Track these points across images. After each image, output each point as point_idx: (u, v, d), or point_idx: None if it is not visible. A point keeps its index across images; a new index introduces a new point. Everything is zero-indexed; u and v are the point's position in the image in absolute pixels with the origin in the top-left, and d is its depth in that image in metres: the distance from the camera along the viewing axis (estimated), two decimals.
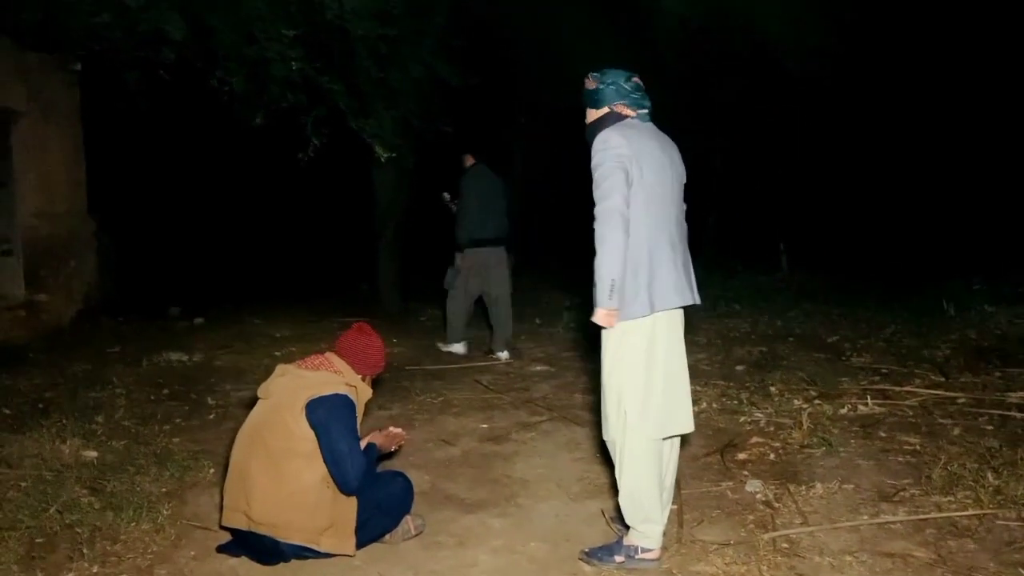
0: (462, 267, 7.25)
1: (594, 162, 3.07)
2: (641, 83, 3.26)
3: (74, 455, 4.42)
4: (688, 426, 3.22)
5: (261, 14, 7.03)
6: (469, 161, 7.35)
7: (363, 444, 3.31)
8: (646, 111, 3.23)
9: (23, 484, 3.97)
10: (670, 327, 3.15)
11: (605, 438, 3.28)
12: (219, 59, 7.30)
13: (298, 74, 7.41)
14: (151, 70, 7.12)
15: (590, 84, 3.27)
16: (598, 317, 3.05)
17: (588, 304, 3.12)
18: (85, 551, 3.33)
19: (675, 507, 3.61)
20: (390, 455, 3.73)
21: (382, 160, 9.08)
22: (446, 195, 7.42)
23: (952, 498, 3.69)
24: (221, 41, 7.19)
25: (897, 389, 5.56)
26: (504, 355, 7.19)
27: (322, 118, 8.49)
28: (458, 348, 7.46)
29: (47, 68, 8.39)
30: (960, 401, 5.24)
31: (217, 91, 7.43)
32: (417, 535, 3.48)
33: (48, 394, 5.78)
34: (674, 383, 3.15)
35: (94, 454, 4.45)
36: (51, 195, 8.62)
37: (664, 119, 3.32)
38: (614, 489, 3.23)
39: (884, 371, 6.14)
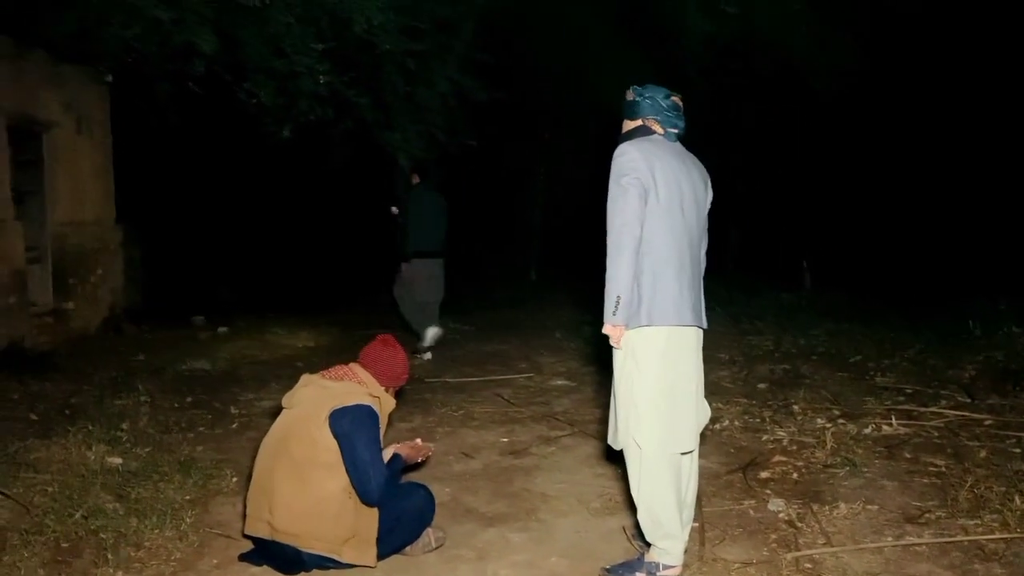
0: (404, 276, 7.72)
1: (612, 174, 3.09)
2: (680, 104, 3.26)
3: (99, 461, 4.46)
4: (690, 445, 3.19)
5: (290, 28, 7.13)
6: (415, 180, 7.79)
7: (387, 455, 3.32)
8: (676, 131, 3.24)
9: (49, 489, 4.02)
10: (681, 347, 3.14)
11: (611, 443, 3.28)
12: (248, 72, 7.40)
13: (326, 88, 7.50)
14: (181, 82, 7.24)
15: (629, 96, 3.30)
16: (606, 330, 3.09)
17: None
18: (109, 556, 3.36)
19: (696, 524, 3.59)
20: (415, 467, 3.74)
21: (406, 173, 9.16)
22: (394, 208, 7.81)
23: (979, 521, 3.64)
24: (250, 55, 7.30)
25: (922, 410, 5.50)
26: (432, 332, 7.75)
27: (349, 131, 8.59)
28: (433, 332, 7.81)
29: (80, 80, 8.56)
30: (987, 423, 5.17)
31: (246, 104, 7.53)
32: (437, 548, 3.48)
33: (74, 400, 5.85)
34: (680, 401, 3.13)
35: (119, 461, 4.49)
36: (80, 204, 8.76)
37: (688, 136, 3.33)
38: (633, 505, 3.22)
39: (909, 391, 6.08)
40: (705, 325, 3.24)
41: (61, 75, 8.15)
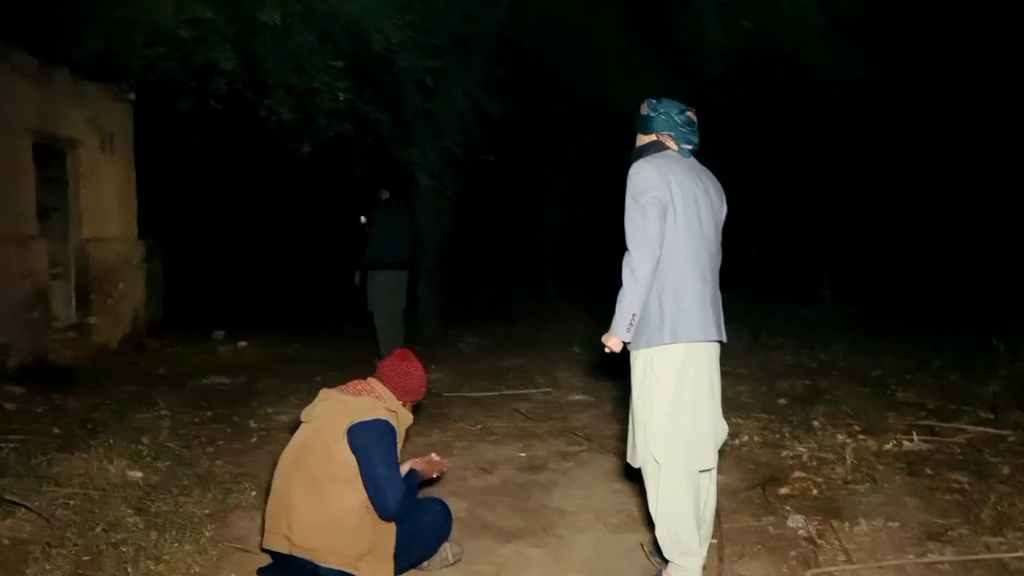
0: (371, 287, 7.98)
1: (629, 192, 3.09)
2: (694, 119, 3.26)
3: (120, 475, 4.50)
4: (710, 463, 3.18)
5: (310, 46, 7.20)
6: (385, 195, 8.08)
7: (404, 470, 3.33)
8: (690, 147, 3.24)
9: (71, 503, 4.05)
10: (699, 362, 3.12)
11: (629, 461, 3.27)
12: (268, 89, 7.49)
13: (345, 104, 7.57)
14: (203, 100, 7.33)
15: (644, 110, 3.30)
16: (609, 341, 3.09)
17: None
18: (130, 570, 3.38)
19: (715, 541, 3.57)
20: (431, 482, 3.75)
21: (424, 188, 9.23)
22: (363, 218, 8.11)
23: (1002, 539, 3.59)
24: (271, 72, 7.39)
25: (944, 425, 5.44)
26: None
27: (367, 147, 8.67)
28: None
29: (103, 98, 8.69)
30: (1010, 439, 5.11)
31: (266, 120, 7.61)
32: (455, 563, 3.48)
33: (96, 414, 5.90)
34: (701, 417, 3.12)
35: (139, 475, 4.53)
36: (103, 220, 8.87)
37: (705, 150, 3.33)
38: (652, 521, 3.21)
39: (930, 407, 6.02)
40: (725, 338, 3.23)
41: (85, 93, 8.27)
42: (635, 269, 3.02)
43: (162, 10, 6.45)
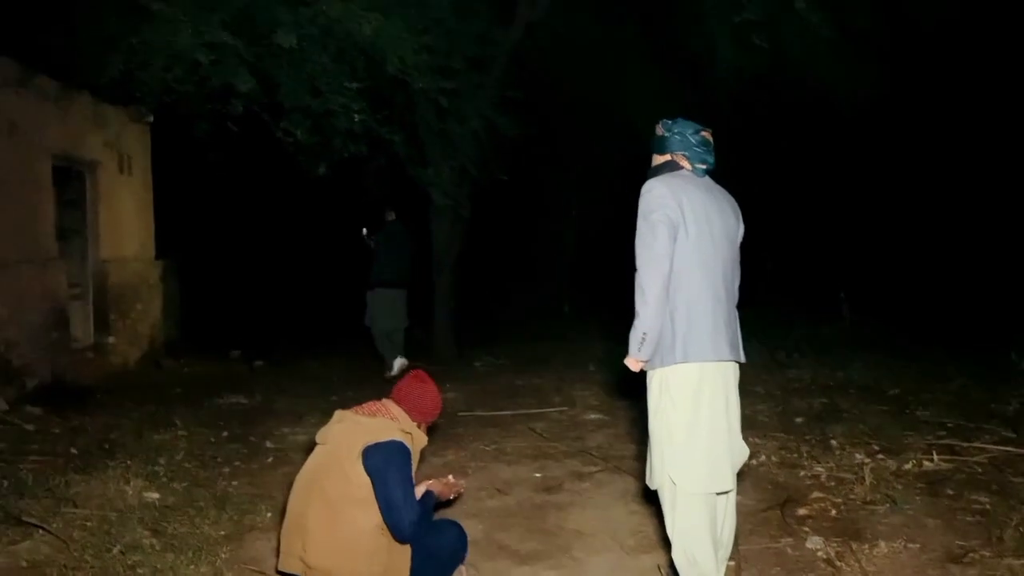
0: (371, 303, 8.55)
1: (640, 211, 3.09)
2: (710, 139, 3.25)
3: (137, 496, 4.52)
4: (728, 484, 3.15)
5: (326, 68, 7.27)
6: (390, 216, 8.63)
7: (420, 491, 3.32)
8: (704, 167, 3.23)
9: (88, 524, 4.07)
10: (714, 382, 3.10)
11: (648, 484, 3.25)
12: (285, 111, 7.55)
13: (360, 125, 7.62)
14: (219, 122, 7.40)
15: (659, 130, 3.30)
16: (628, 362, 3.12)
17: None
18: None
19: (732, 563, 3.53)
20: (446, 504, 3.74)
21: (439, 207, 9.26)
22: (365, 230, 8.70)
23: None
24: (287, 94, 7.46)
25: (965, 444, 5.38)
26: (398, 363, 8.50)
27: (380, 167, 8.73)
28: (400, 362, 8.62)
29: (122, 120, 8.80)
30: None
31: (282, 142, 7.68)
32: None
33: (113, 435, 5.93)
34: (719, 438, 3.10)
35: (156, 495, 4.55)
36: (121, 241, 8.96)
37: (719, 166, 3.32)
38: (668, 543, 3.18)
39: (950, 425, 5.95)
40: (743, 358, 3.21)
41: (104, 116, 8.38)
42: (644, 288, 3.03)
43: (180, 34, 6.53)
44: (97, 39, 6.81)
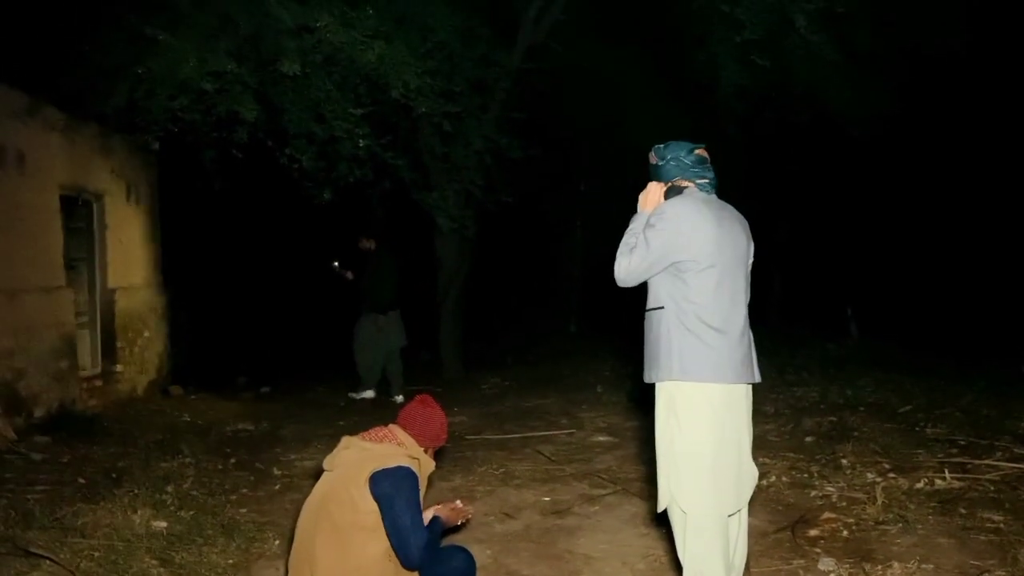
0: (363, 325, 8.75)
1: (651, 223, 3.11)
2: (705, 155, 3.24)
3: (144, 525, 4.50)
4: (735, 505, 3.12)
5: (330, 95, 7.33)
6: (373, 245, 8.76)
7: (426, 517, 3.30)
8: (706, 181, 3.23)
9: (96, 554, 4.05)
10: (728, 404, 3.08)
11: (659, 508, 3.22)
12: (289, 138, 7.61)
13: (364, 151, 7.67)
14: (225, 149, 7.45)
15: (652, 159, 3.29)
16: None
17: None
18: None
19: None
20: (454, 529, 3.72)
21: (444, 231, 9.29)
22: (335, 263, 8.88)
23: None
24: (292, 121, 7.52)
25: (977, 462, 5.32)
26: (399, 398, 8.49)
27: (387, 191, 8.78)
28: (369, 394, 8.81)
29: (128, 149, 8.87)
30: None
31: (287, 168, 7.73)
32: None
33: (121, 463, 5.93)
34: (727, 462, 3.07)
35: (164, 524, 4.53)
36: (128, 270, 8.99)
37: (726, 186, 3.32)
38: (680, 566, 3.15)
39: (962, 443, 5.89)
40: (757, 378, 3.19)
41: (110, 145, 8.45)
42: (618, 267, 3.16)
43: (186, 63, 6.60)
44: (103, 70, 6.89)
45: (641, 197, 3.29)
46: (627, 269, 3.13)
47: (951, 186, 13.15)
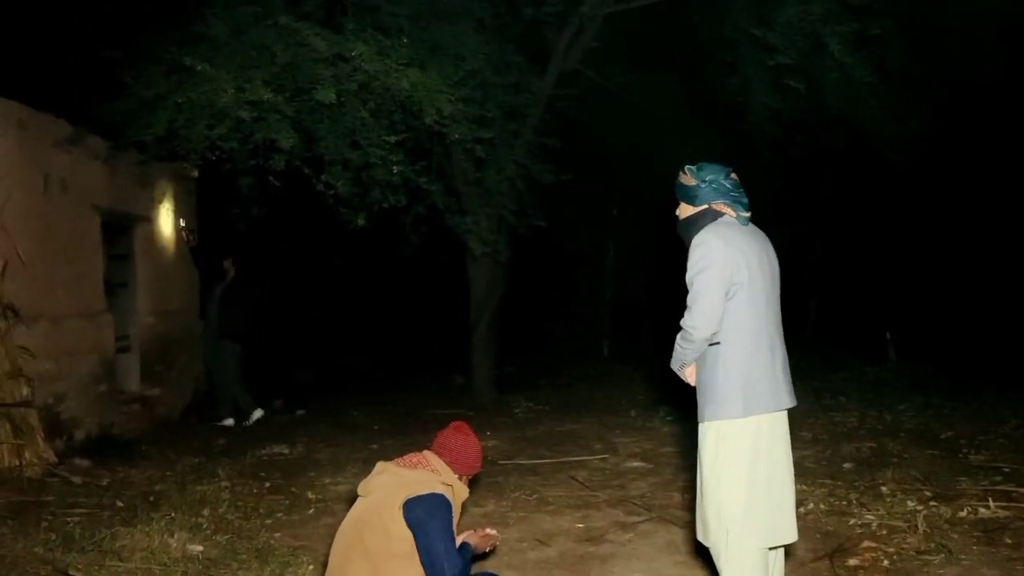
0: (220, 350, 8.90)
1: (693, 265, 3.05)
2: (738, 179, 3.21)
3: (181, 549, 4.54)
4: (792, 536, 3.08)
5: (364, 122, 7.42)
6: (231, 270, 8.95)
7: (457, 543, 3.29)
8: (746, 213, 3.17)
9: None
10: (773, 431, 3.05)
11: (700, 539, 3.17)
12: (325, 165, 7.71)
13: (399, 176, 7.76)
14: (262, 176, 7.58)
15: (687, 179, 3.19)
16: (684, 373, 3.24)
17: (682, 396, 3.10)
18: None
19: None
20: (483, 556, 3.70)
21: (477, 255, 9.33)
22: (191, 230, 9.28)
23: None
24: (327, 148, 7.62)
25: (1022, 491, 5.20)
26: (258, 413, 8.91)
27: (420, 216, 8.85)
28: (257, 414, 8.93)
29: (167, 176, 9.07)
30: None
31: (323, 194, 7.83)
32: None
33: (158, 487, 5.99)
34: (778, 490, 3.03)
35: (200, 548, 4.57)
36: (166, 294, 9.15)
37: (760, 208, 3.28)
38: None
39: (1006, 470, 5.76)
40: (795, 402, 3.17)
41: (150, 173, 8.63)
42: (689, 342, 3.06)
43: (223, 93, 6.73)
44: (144, 99, 7.05)
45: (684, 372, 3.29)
46: (702, 314, 3.02)
47: (991, 208, 12.94)
